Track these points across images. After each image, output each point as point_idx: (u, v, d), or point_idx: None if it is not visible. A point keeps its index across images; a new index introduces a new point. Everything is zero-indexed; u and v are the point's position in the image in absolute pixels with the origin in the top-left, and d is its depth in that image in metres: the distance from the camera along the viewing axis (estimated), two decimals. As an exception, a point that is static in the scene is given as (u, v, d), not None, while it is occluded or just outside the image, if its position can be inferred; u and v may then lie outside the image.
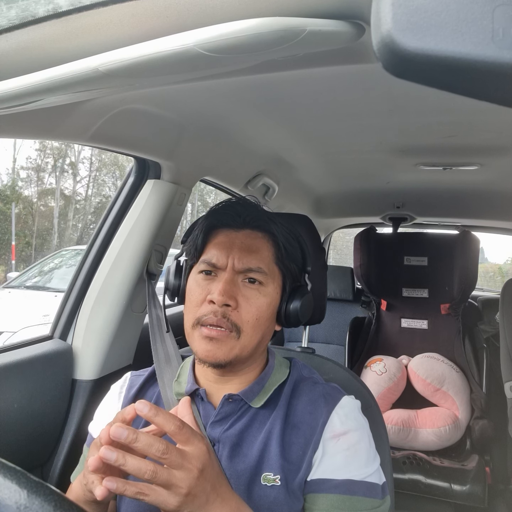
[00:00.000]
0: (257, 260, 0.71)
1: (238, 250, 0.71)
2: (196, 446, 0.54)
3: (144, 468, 0.50)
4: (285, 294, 0.76)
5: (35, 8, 0.45)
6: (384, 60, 0.27)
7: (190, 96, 0.93)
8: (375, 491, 0.67)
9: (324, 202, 2.23)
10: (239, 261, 0.71)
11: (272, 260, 0.74)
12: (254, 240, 0.73)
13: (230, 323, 0.68)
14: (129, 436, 0.51)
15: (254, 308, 0.70)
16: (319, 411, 0.71)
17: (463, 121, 1.11)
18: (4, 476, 0.37)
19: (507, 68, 0.23)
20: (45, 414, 1.09)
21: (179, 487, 0.51)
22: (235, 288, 0.70)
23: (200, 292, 0.71)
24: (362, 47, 0.50)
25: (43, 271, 5.71)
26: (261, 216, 0.76)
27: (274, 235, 0.75)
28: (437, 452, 1.94)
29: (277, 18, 0.41)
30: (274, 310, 0.74)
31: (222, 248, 0.72)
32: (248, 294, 0.70)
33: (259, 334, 0.71)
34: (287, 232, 0.77)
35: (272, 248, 0.74)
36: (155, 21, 0.46)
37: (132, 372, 0.85)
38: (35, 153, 18.78)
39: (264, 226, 0.75)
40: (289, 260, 0.75)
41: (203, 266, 0.73)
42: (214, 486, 0.55)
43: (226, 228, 0.74)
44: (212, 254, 0.72)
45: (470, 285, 2.18)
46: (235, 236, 0.73)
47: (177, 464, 0.52)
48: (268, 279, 0.72)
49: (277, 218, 0.77)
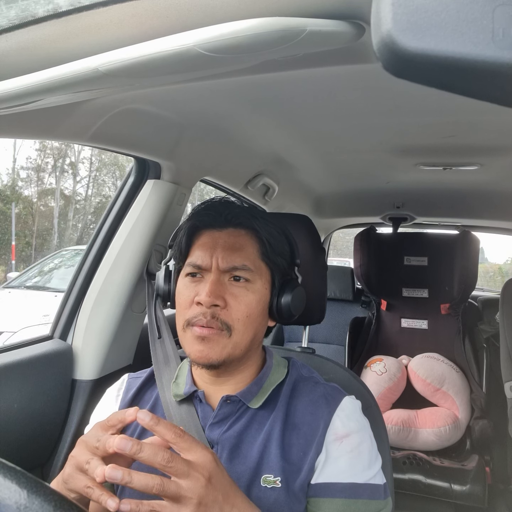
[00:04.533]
0: (242, 257, 0.71)
1: (222, 249, 0.71)
2: (200, 454, 0.53)
3: (151, 483, 0.49)
4: (275, 289, 0.75)
5: (35, 8, 0.45)
6: (384, 60, 0.27)
7: (190, 96, 0.93)
8: (378, 492, 0.68)
9: (324, 202, 2.23)
10: (223, 260, 0.70)
11: (258, 256, 0.73)
12: (237, 238, 0.73)
13: (220, 323, 0.68)
14: (133, 447, 0.50)
15: (243, 305, 0.70)
16: (320, 412, 0.71)
17: (463, 121, 1.11)
18: (4, 476, 0.37)
19: (507, 68, 0.23)
20: (45, 414, 1.08)
21: (188, 498, 0.50)
22: (222, 287, 0.70)
23: (188, 294, 0.71)
24: (362, 47, 0.50)
25: (43, 271, 5.71)
26: (243, 213, 0.75)
27: (257, 231, 0.74)
28: (437, 452, 1.94)
29: (277, 18, 0.41)
30: (265, 306, 0.74)
31: (206, 249, 0.72)
32: (236, 292, 0.70)
33: (251, 332, 0.71)
34: (271, 227, 0.76)
35: (256, 244, 0.74)
36: (155, 21, 0.46)
37: (130, 374, 0.85)
38: (35, 153, 18.82)
39: (246, 222, 0.74)
40: (275, 255, 0.75)
41: (189, 268, 0.73)
42: (227, 495, 0.53)
43: (209, 229, 0.74)
44: (196, 256, 0.72)
45: (470, 285, 2.18)
46: (218, 236, 0.73)
47: (183, 473, 0.50)
48: (255, 276, 0.72)
49: (260, 214, 0.77)
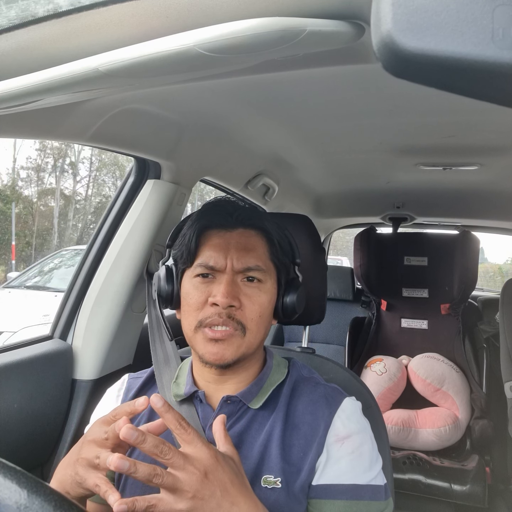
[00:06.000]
0: (255, 258, 0.72)
1: (235, 250, 0.71)
2: (199, 449, 0.54)
3: (152, 473, 0.51)
4: (281, 289, 0.77)
5: (35, 8, 0.45)
6: (384, 60, 0.27)
7: (190, 96, 0.93)
8: (379, 493, 0.68)
9: (324, 202, 2.23)
10: (238, 261, 0.71)
11: (268, 257, 0.74)
12: (249, 239, 0.73)
13: (236, 322, 0.69)
14: (138, 437, 0.52)
15: (257, 305, 0.71)
16: (320, 412, 0.71)
17: (463, 121, 1.11)
18: (4, 476, 0.37)
19: (507, 68, 0.23)
20: (45, 414, 1.08)
21: (184, 490, 0.52)
22: (236, 288, 0.70)
23: (200, 295, 0.71)
24: (362, 47, 0.50)
25: (43, 271, 5.70)
26: (253, 213, 0.76)
27: (268, 232, 0.75)
28: (437, 452, 1.94)
29: (277, 18, 0.40)
30: (273, 306, 0.75)
31: (219, 249, 0.71)
32: (250, 293, 0.71)
33: (263, 331, 0.72)
34: (277, 227, 0.78)
35: (266, 245, 0.75)
36: (155, 21, 0.46)
37: (130, 374, 0.85)
38: (35, 153, 18.82)
39: (257, 223, 0.75)
40: (283, 255, 0.76)
41: (200, 269, 0.72)
42: (226, 492, 0.54)
43: (218, 229, 0.74)
44: (208, 257, 0.71)
45: (470, 285, 2.18)
46: (229, 236, 0.73)
47: (179, 465, 0.52)
48: (266, 276, 0.73)
49: (266, 214, 0.78)
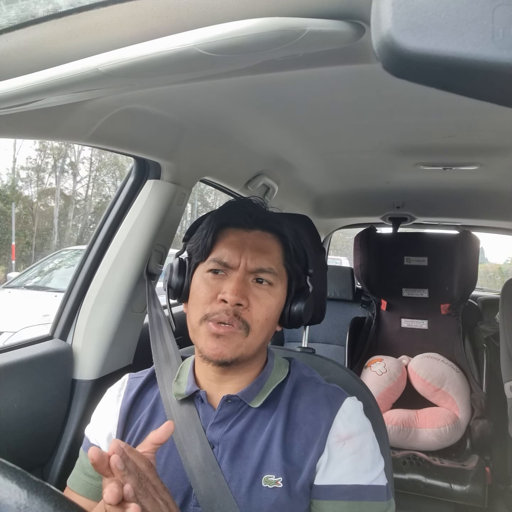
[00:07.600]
0: (269, 260, 0.72)
1: (250, 250, 0.71)
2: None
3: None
4: (290, 296, 0.76)
5: (35, 8, 0.45)
6: (384, 60, 0.27)
7: (190, 96, 0.93)
8: (381, 494, 0.68)
9: (324, 202, 2.23)
10: (252, 261, 0.71)
11: (281, 262, 0.74)
12: (265, 241, 0.74)
13: (241, 321, 0.68)
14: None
15: (264, 308, 0.70)
16: (321, 412, 0.71)
17: (463, 121, 1.11)
18: (4, 476, 0.37)
19: (507, 68, 0.23)
20: (45, 414, 1.08)
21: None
22: (246, 287, 0.70)
23: (210, 290, 0.71)
24: (362, 47, 0.50)
25: (43, 271, 5.71)
26: (271, 217, 0.77)
27: (285, 237, 0.75)
28: (437, 452, 1.94)
29: (277, 18, 0.41)
30: (281, 311, 0.75)
31: (234, 247, 0.72)
32: (259, 294, 0.71)
33: (265, 334, 0.72)
34: (295, 235, 0.77)
35: (281, 249, 0.75)
36: (155, 21, 0.46)
37: (131, 374, 0.85)
38: (35, 153, 18.79)
39: (274, 227, 0.75)
40: (296, 262, 0.76)
41: (213, 264, 0.72)
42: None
43: (236, 228, 0.74)
44: (222, 253, 0.72)
45: (470, 285, 2.17)
46: (246, 236, 0.73)
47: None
48: (277, 280, 0.73)
49: (286, 220, 0.78)
